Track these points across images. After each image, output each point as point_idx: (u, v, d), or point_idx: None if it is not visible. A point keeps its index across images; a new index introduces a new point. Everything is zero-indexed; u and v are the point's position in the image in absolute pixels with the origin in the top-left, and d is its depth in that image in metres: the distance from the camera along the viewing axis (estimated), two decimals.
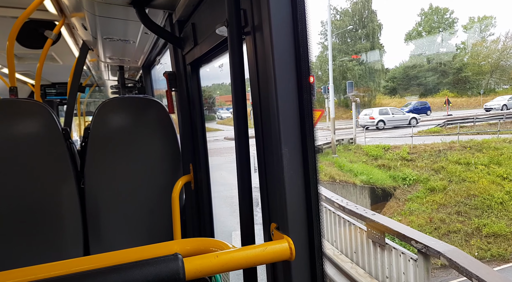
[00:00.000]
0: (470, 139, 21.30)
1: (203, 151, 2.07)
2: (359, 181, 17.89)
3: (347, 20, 45.60)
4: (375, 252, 6.20)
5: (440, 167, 19.09)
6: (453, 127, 25.89)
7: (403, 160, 20.34)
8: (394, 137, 24.12)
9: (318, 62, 47.42)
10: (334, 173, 17.74)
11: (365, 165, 20.03)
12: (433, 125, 27.20)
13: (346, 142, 23.62)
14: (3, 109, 1.85)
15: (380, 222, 5.93)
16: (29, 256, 1.90)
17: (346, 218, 7.14)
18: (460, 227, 14.98)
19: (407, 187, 18.49)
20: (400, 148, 21.29)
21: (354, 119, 24.43)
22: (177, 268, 0.77)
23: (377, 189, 18.05)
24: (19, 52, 3.50)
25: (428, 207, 16.67)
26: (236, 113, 1.05)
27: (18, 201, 1.87)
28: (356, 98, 25.47)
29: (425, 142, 21.86)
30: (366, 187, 17.90)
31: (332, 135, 21.47)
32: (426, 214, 16.21)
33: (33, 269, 0.82)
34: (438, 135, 23.69)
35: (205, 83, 4.22)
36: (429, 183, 18.15)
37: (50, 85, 6.13)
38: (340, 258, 7.16)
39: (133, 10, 1.72)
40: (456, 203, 16.43)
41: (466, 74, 44.75)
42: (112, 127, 2.08)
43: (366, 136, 24.24)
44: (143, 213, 2.12)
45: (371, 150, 21.57)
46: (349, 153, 21.92)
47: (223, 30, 1.13)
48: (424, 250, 5.12)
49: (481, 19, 47.56)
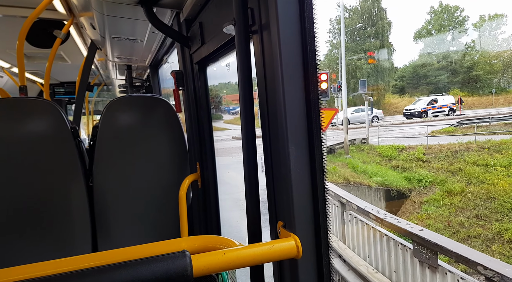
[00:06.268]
0: (487, 139, 20.46)
1: (210, 149, 2.08)
2: (374, 182, 17.27)
3: (356, 18, 45.31)
4: (423, 274, 5.24)
5: (457, 168, 18.44)
6: (468, 127, 25.20)
7: (418, 161, 19.76)
8: (407, 137, 23.43)
9: (327, 61, 47.17)
10: (348, 175, 17.07)
11: (379, 166, 19.48)
12: (447, 125, 26.62)
13: (358, 142, 23.00)
14: (14, 107, 1.87)
15: (432, 240, 5.00)
16: (38, 252, 1.92)
17: (383, 231, 6.21)
18: (480, 232, 14.34)
19: (423, 189, 17.91)
20: (415, 148, 20.65)
21: (367, 118, 23.82)
22: (185, 265, 0.77)
23: (392, 191, 17.47)
24: (28, 52, 3.54)
25: (446, 210, 16.06)
26: (243, 112, 1.05)
27: (28, 198, 1.89)
28: (369, 97, 24.52)
29: (440, 142, 21.21)
30: (380, 189, 17.30)
31: (344, 135, 20.68)
32: (443, 217, 15.64)
33: (43, 265, 0.83)
34: (453, 135, 22.91)
35: (211, 82, 4.23)
36: (446, 185, 17.55)
37: (59, 85, 6.19)
38: (375, 276, 6.30)
39: (141, 9, 1.73)
40: (475, 206, 15.75)
41: (477, 73, 44.21)
42: (120, 126, 2.10)
43: (379, 136, 23.51)
44: (150, 210, 2.14)
45: (385, 150, 21.02)
46: (362, 154, 21.29)
47: (230, 29, 1.14)
48: (497, 280, 4.10)
49: (492, 17, 46.94)
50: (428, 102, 34.92)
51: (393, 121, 34.51)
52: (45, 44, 2.95)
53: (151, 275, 0.74)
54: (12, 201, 1.87)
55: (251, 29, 1.04)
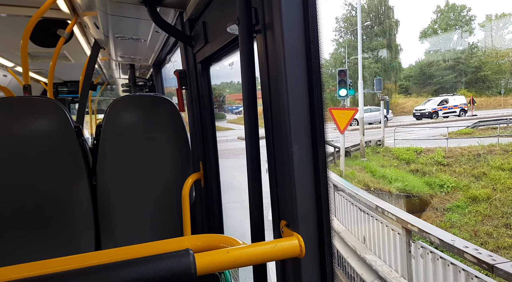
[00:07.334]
0: (510, 142, 19.19)
1: (213, 148, 2.08)
2: (395, 188, 15.92)
3: (363, 16, 44.97)
4: None
5: (481, 172, 17.24)
6: (485, 128, 24.01)
7: (438, 165, 18.52)
8: (423, 139, 22.36)
9: (333, 60, 46.82)
10: (368, 180, 15.83)
11: (398, 170, 18.15)
12: (464, 127, 25.29)
13: (373, 144, 21.60)
14: (18, 106, 1.88)
15: None
16: (42, 250, 1.93)
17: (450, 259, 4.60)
18: (511, 242, 13.10)
19: (445, 195, 16.65)
20: (434, 151, 19.47)
21: (383, 119, 22.50)
22: (188, 263, 0.77)
23: (413, 198, 16.09)
24: (32, 51, 3.56)
25: (471, 218, 14.75)
26: (247, 112, 1.05)
27: (31, 197, 1.90)
28: (385, 96, 22.87)
29: (460, 144, 19.88)
30: (401, 195, 15.95)
31: (361, 136, 19.22)
32: (469, 226, 14.33)
33: (46, 263, 0.84)
34: (472, 137, 21.50)
35: (214, 82, 4.22)
36: (470, 191, 16.25)
37: (62, 84, 6.21)
38: None
39: (144, 9, 1.73)
40: (503, 214, 14.49)
41: (485, 73, 43.71)
42: (123, 125, 2.11)
43: (395, 138, 22.09)
44: (153, 209, 2.14)
45: (402, 153, 19.83)
46: (378, 156, 19.96)
47: (234, 29, 1.14)
48: None
49: (499, 17, 46.62)
50: (439, 103, 34.20)
51: (403, 122, 33.26)
52: (49, 43, 2.96)
53: (155, 273, 0.74)
54: (15, 199, 1.88)
55: (254, 28, 1.04)
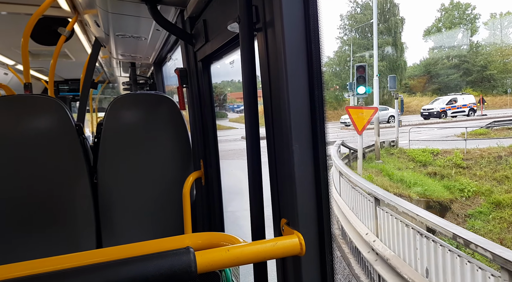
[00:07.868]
0: None
1: (214, 147, 2.08)
2: (415, 193, 14.81)
3: (368, 14, 44.46)
4: None
5: (503, 176, 16.24)
6: (501, 129, 23.16)
7: (457, 167, 17.50)
8: (437, 140, 21.23)
9: (337, 58, 46.38)
10: (386, 184, 14.76)
11: (415, 173, 17.14)
12: (478, 127, 24.10)
13: (387, 145, 20.61)
14: (19, 105, 1.88)
15: None
16: (43, 248, 1.94)
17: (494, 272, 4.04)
18: None
19: (465, 199, 15.55)
20: (451, 153, 18.44)
21: (397, 119, 20.82)
22: (189, 261, 0.78)
23: (433, 203, 14.98)
24: (33, 49, 3.56)
25: (496, 225, 13.74)
26: (247, 110, 1.05)
27: (32, 194, 1.91)
28: (399, 95, 20.94)
29: (479, 145, 18.77)
30: (421, 200, 14.81)
31: (376, 137, 18.12)
32: (494, 234, 13.24)
33: (47, 261, 0.84)
34: (488, 138, 20.46)
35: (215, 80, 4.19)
36: (493, 196, 15.20)
37: (63, 82, 6.21)
38: None
39: (145, 6, 1.73)
40: None
41: (491, 72, 43.31)
42: (124, 123, 2.11)
43: (410, 139, 20.86)
44: (154, 207, 2.15)
45: (418, 154, 18.77)
46: (392, 158, 18.97)
47: (234, 27, 1.14)
48: None
49: (504, 15, 46.38)
50: (448, 102, 33.42)
51: (411, 121, 32.06)
52: (49, 41, 2.96)
53: (155, 271, 0.75)
54: (16, 197, 1.88)
55: (255, 26, 1.04)
